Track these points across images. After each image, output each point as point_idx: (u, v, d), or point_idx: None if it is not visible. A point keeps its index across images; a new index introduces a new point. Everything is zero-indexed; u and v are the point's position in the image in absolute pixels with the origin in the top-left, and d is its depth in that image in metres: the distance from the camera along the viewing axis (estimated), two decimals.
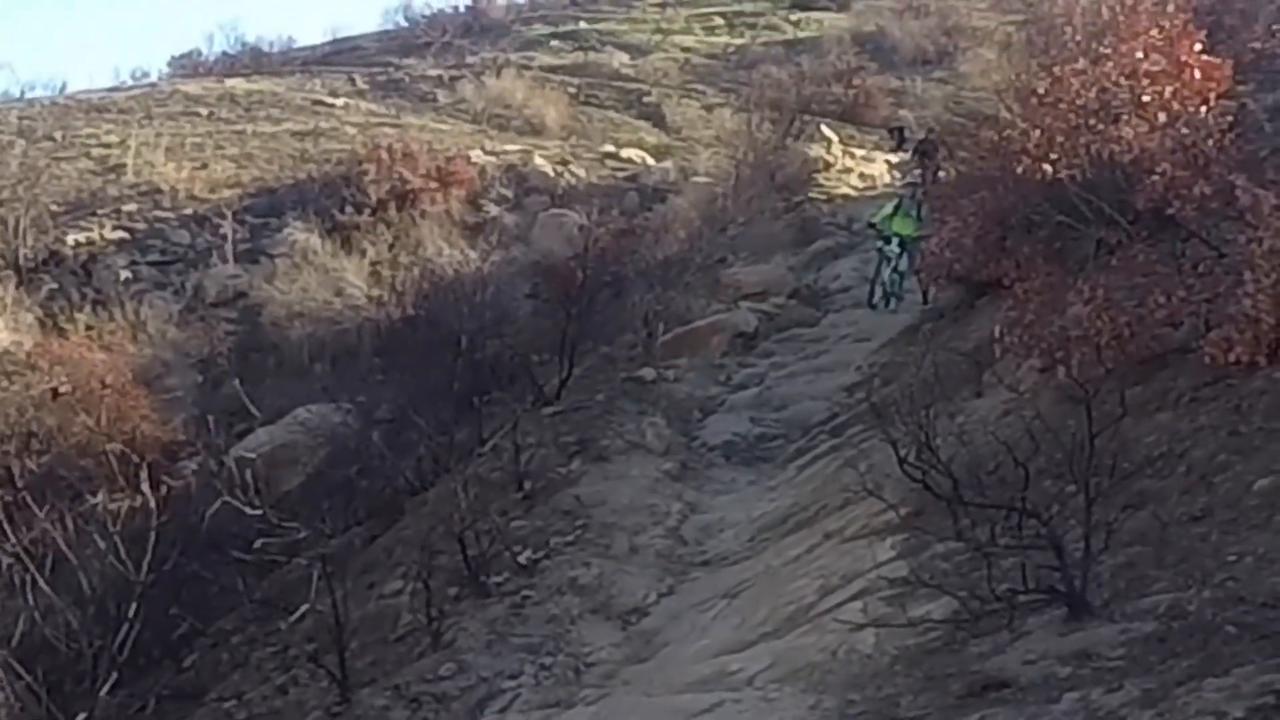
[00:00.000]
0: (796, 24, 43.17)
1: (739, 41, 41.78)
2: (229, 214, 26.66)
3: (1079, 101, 11.47)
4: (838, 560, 8.55)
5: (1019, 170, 11.85)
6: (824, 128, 30.33)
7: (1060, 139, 11.46)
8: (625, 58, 40.04)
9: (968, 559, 6.92)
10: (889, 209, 18.47)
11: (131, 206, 27.36)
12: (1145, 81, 11.28)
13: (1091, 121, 11.34)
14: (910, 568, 7.20)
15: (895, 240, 17.83)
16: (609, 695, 7.72)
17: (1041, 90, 11.94)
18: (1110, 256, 10.59)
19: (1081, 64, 11.73)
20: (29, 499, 11.37)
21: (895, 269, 17.81)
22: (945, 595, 6.50)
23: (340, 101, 35.28)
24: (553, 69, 38.64)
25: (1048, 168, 11.34)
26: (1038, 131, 11.70)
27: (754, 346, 16.87)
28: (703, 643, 8.21)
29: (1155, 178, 9.89)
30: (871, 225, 18.74)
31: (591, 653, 8.70)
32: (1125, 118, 11.16)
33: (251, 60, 43.26)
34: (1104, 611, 5.81)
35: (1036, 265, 10.94)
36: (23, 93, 39.59)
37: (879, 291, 17.84)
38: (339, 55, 43.63)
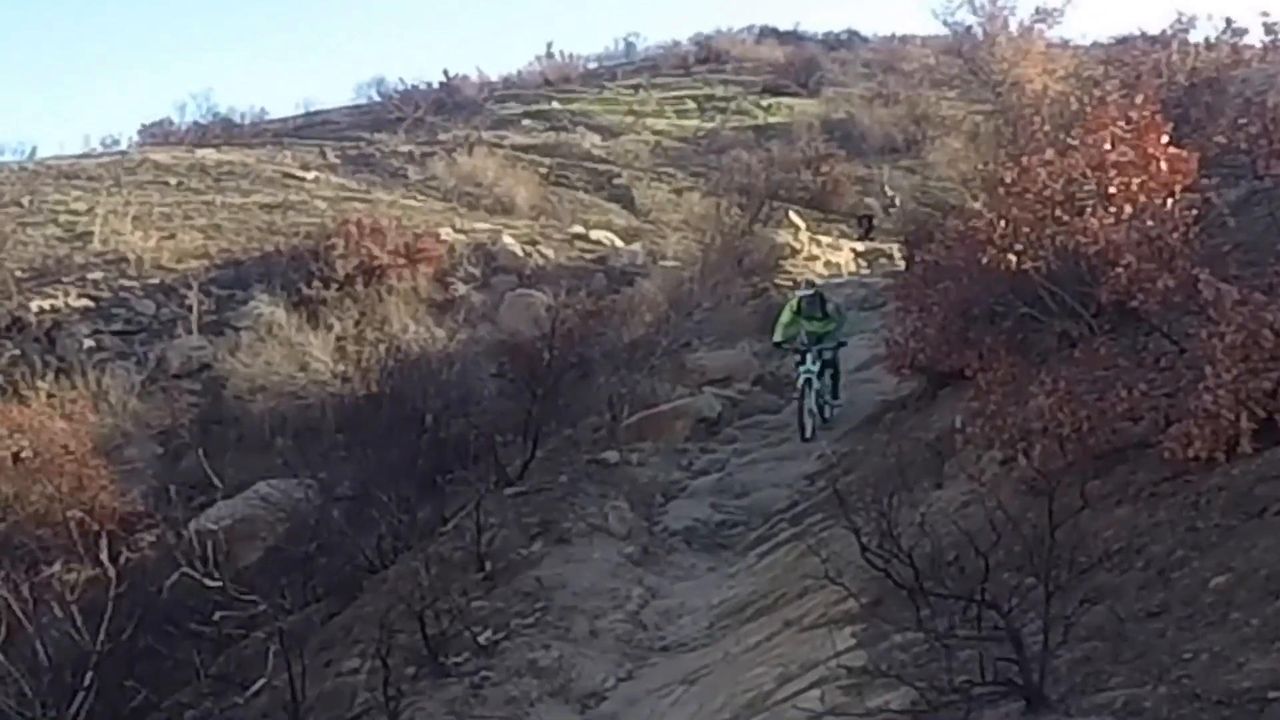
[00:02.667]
0: (767, 109, 43.80)
1: (709, 125, 42.29)
2: (195, 285, 26.64)
3: (1045, 192, 11.48)
4: (796, 648, 8.53)
5: (984, 260, 11.88)
6: (792, 214, 30.68)
7: (1026, 229, 11.49)
8: (597, 139, 40.40)
9: (926, 649, 6.92)
10: (786, 316, 16.97)
11: (97, 275, 27.31)
12: (1112, 173, 11.33)
13: (1057, 212, 11.38)
14: (869, 657, 7.20)
15: (810, 353, 16.13)
16: None
17: (1008, 180, 11.90)
18: (1073, 349, 10.65)
19: (1049, 154, 11.73)
20: None
21: (819, 386, 16.20)
22: (903, 685, 6.49)
23: (310, 174, 35.42)
24: (524, 148, 38.96)
25: (1013, 258, 11.37)
26: (1004, 222, 11.70)
27: (717, 432, 16.89)
28: None
29: (1119, 270, 9.96)
30: (780, 345, 17.17)
31: None
32: (1091, 209, 11.18)
33: (223, 130, 43.41)
34: (1060, 705, 5.83)
35: (999, 356, 11.02)
36: None
37: (810, 423, 15.77)
38: (310, 128, 43.87)
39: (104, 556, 10.18)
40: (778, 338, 17.00)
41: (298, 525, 15.37)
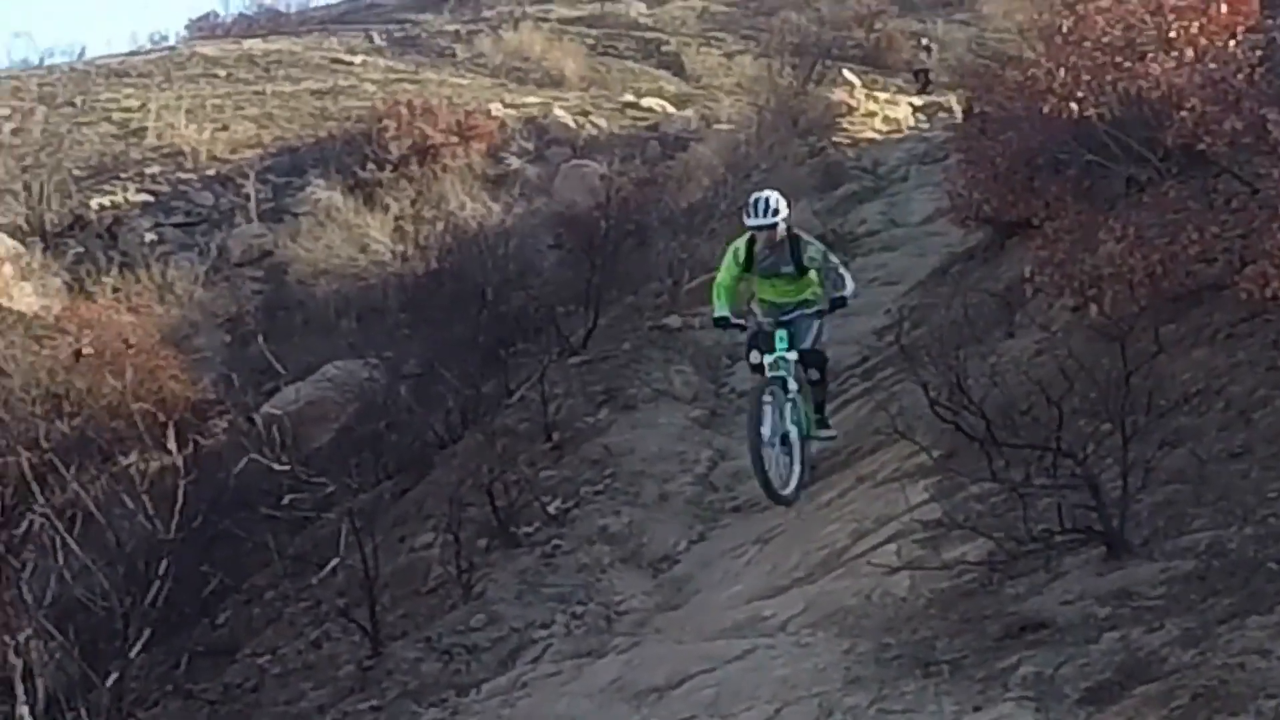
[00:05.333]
0: None
1: None
2: (251, 174, 26.68)
3: (1104, 39, 11.22)
4: (870, 504, 8.47)
5: (1045, 110, 11.61)
6: (846, 72, 30.07)
7: (1086, 77, 11.20)
8: (643, 7, 39.78)
9: (1002, 500, 6.83)
10: (726, 269, 9.83)
11: (154, 169, 27.40)
12: (1171, 17, 11.02)
13: (1118, 59, 11.11)
14: (944, 510, 7.12)
15: (776, 332, 9.54)
16: (641, 643, 7.66)
17: (1066, 29, 11.68)
18: (1141, 194, 10.44)
19: (1106, 1, 11.50)
20: (60, 461, 11.36)
21: (792, 398, 9.39)
22: (980, 537, 6.43)
23: (358, 59, 35.18)
24: (570, 20, 38.44)
25: (1074, 106, 11.07)
26: (1063, 70, 11.45)
27: None
28: (735, 589, 8.12)
29: (1184, 114, 9.67)
30: (721, 323, 9.89)
31: (623, 601, 8.61)
32: (1152, 54, 10.92)
33: (268, 21, 43.21)
34: (1143, 550, 5.73)
35: (1066, 204, 10.79)
36: (42, 60, 39.71)
37: (781, 467, 9.27)
38: (355, 13, 43.48)
39: (172, 445, 10.21)
40: (717, 310, 9.77)
41: (366, 405, 15.47)
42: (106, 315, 20.67)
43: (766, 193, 9.76)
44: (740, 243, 9.79)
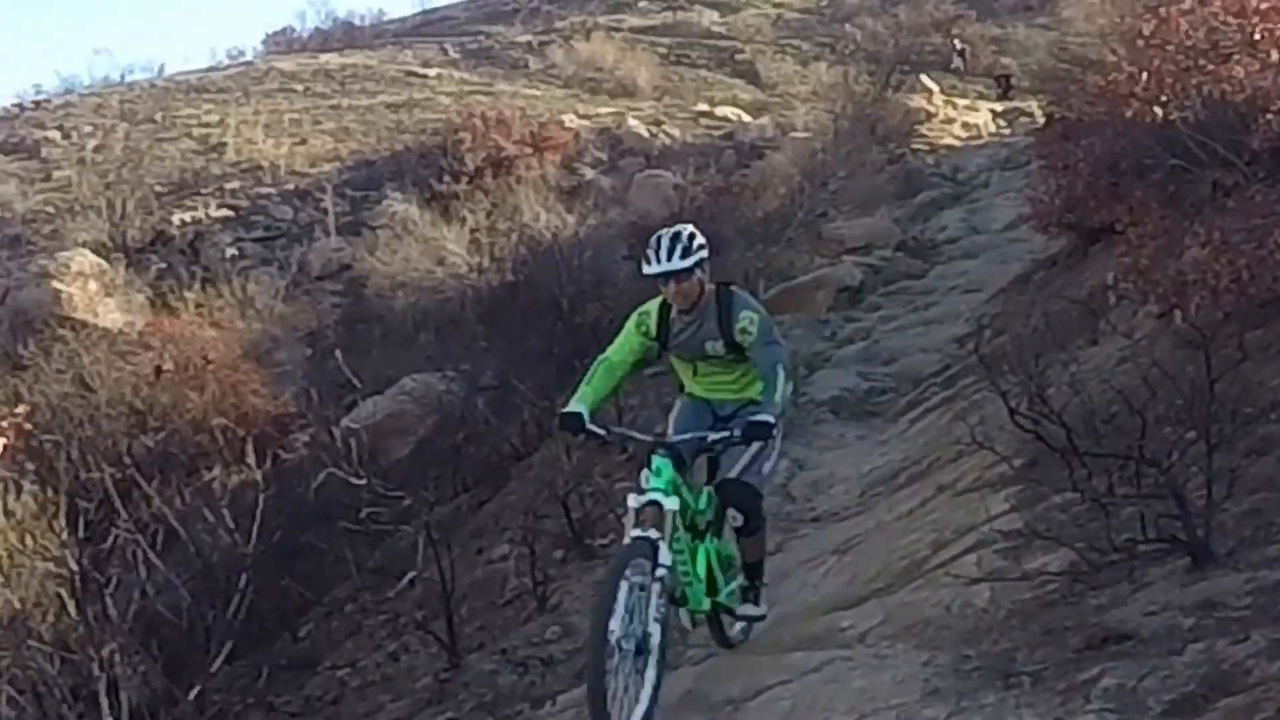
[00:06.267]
0: None
1: None
2: (329, 188, 26.96)
3: (1187, 42, 11.10)
4: (951, 514, 8.34)
5: (1128, 114, 11.49)
6: (924, 78, 29.87)
7: (1169, 81, 11.10)
8: (715, 16, 39.77)
9: (1084, 510, 6.69)
10: (629, 339, 6.55)
11: (234, 184, 27.80)
12: (1256, 19, 10.87)
13: (1201, 62, 10.95)
14: (1025, 520, 7.00)
15: (676, 451, 6.09)
16: (716, 654, 7.61)
17: (1148, 32, 11.56)
18: (1226, 198, 10.18)
19: (1188, 4, 11.33)
20: (143, 475, 11.52)
21: (668, 569, 5.88)
22: (1062, 547, 6.30)
23: (433, 71, 35.49)
24: (642, 30, 38.53)
25: (1158, 110, 10.98)
26: (1145, 74, 11.35)
27: (860, 300, 16.57)
28: (812, 600, 7.99)
29: (1270, 117, 9.54)
30: (571, 423, 6.23)
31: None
32: (1236, 57, 10.75)
33: (344, 35, 43.75)
34: (1229, 560, 5.58)
35: (1150, 209, 10.59)
36: (123, 77, 40.54)
37: (618, 682, 5.56)
38: (429, 26, 43.92)
39: (253, 459, 10.32)
40: (571, 403, 6.38)
41: (444, 418, 15.53)
42: (189, 330, 20.92)
43: (678, 227, 6.43)
44: (652, 305, 6.54)
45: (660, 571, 5.90)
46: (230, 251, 25.68)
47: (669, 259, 6.30)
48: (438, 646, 8.89)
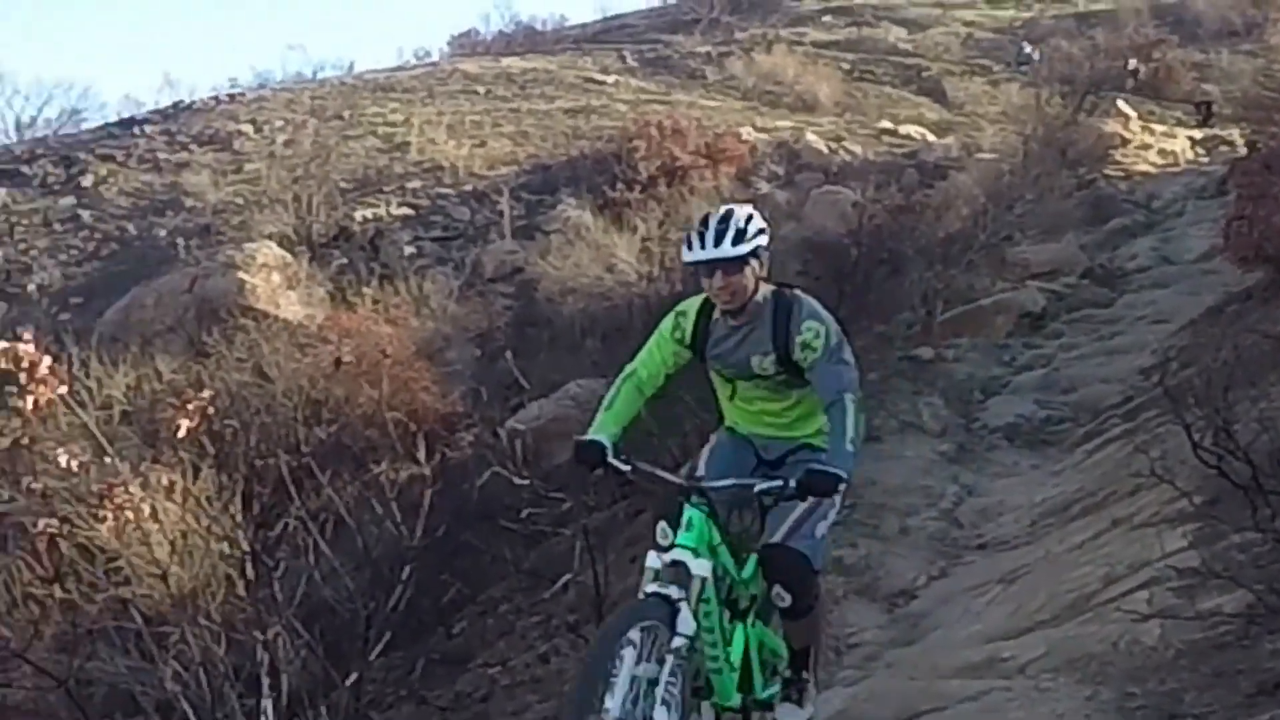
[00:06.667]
0: None
1: (1026, 15, 40.54)
2: (506, 190, 27.25)
3: None
4: (1124, 548, 8.03)
5: None
6: (1120, 102, 29.10)
7: None
8: (903, 33, 39.31)
9: (1266, 550, 6.39)
10: (663, 345, 5.33)
11: (415, 183, 28.31)
12: None
13: None
14: (1202, 558, 6.68)
15: (716, 500, 4.88)
16: (870, 677, 7.46)
17: None
18: None
19: None
20: (316, 466, 11.72)
21: (686, 641, 4.56)
22: (1240, 588, 6.02)
23: (611, 79, 35.70)
24: (825, 44, 38.25)
25: None
26: None
27: (1041, 327, 16.22)
28: (974, 628, 7.83)
29: None
30: (589, 453, 5.12)
31: (854, 634, 8.42)
32: None
33: (525, 38, 44.39)
34: None
35: None
36: (314, 73, 41.81)
37: None
38: (609, 33, 44.24)
39: (420, 455, 10.41)
40: (592, 430, 5.25)
41: None
42: (366, 326, 21.24)
43: (732, 206, 5.26)
44: (691, 304, 5.33)
45: (678, 642, 4.53)
46: (408, 250, 26.12)
47: (715, 244, 4.97)
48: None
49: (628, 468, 5.11)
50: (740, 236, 4.99)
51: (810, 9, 42.59)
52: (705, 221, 5.09)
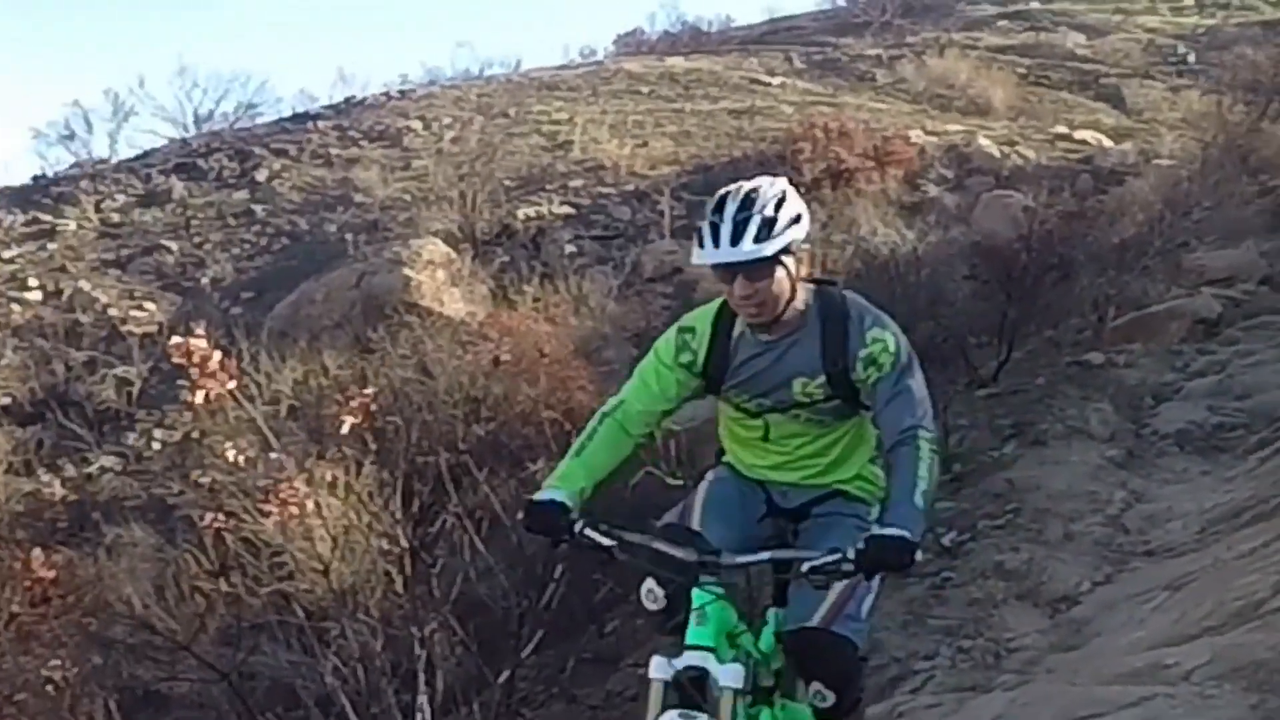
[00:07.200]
0: (1276, 4, 40.18)
1: (1209, 22, 39.31)
2: (667, 191, 27.23)
3: None
4: None
5: None
6: None
7: None
8: (1081, 38, 38.38)
9: None
10: (658, 373, 4.42)
11: (577, 182, 28.43)
12: None
13: None
14: None
15: (708, 571, 3.92)
16: (1030, 682, 7.38)
17: None
18: None
19: None
20: (474, 463, 11.82)
21: None
22: None
23: (777, 80, 35.43)
24: (1000, 49, 37.45)
25: None
26: None
27: (1217, 333, 15.76)
28: (1137, 634, 7.70)
29: None
30: (540, 515, 4.13)
31: (1014, 638, 8.34)
32: None
33: (691, 39, 44.29)
34: None
35: None
36: (481, 70, 42.13)
37: None
38: (776, 34, 43.88)
39: None
40: (544, 488, 4.31)
41: None
42: (525, 324, 21.41)
43: (757, 181, 4.08)
44: (701, 317, 4.35)
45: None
46: (569, 249, 26.26)
47: (734, 240, 3.80)
48: None
49: (610, 541, 3.90)
50: (768, 228, 3.83)
51: (985, 13, 41.74)
52: (720, 206, 3.89)
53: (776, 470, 4.28)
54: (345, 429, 10.70)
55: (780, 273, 3.89)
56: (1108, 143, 29.96)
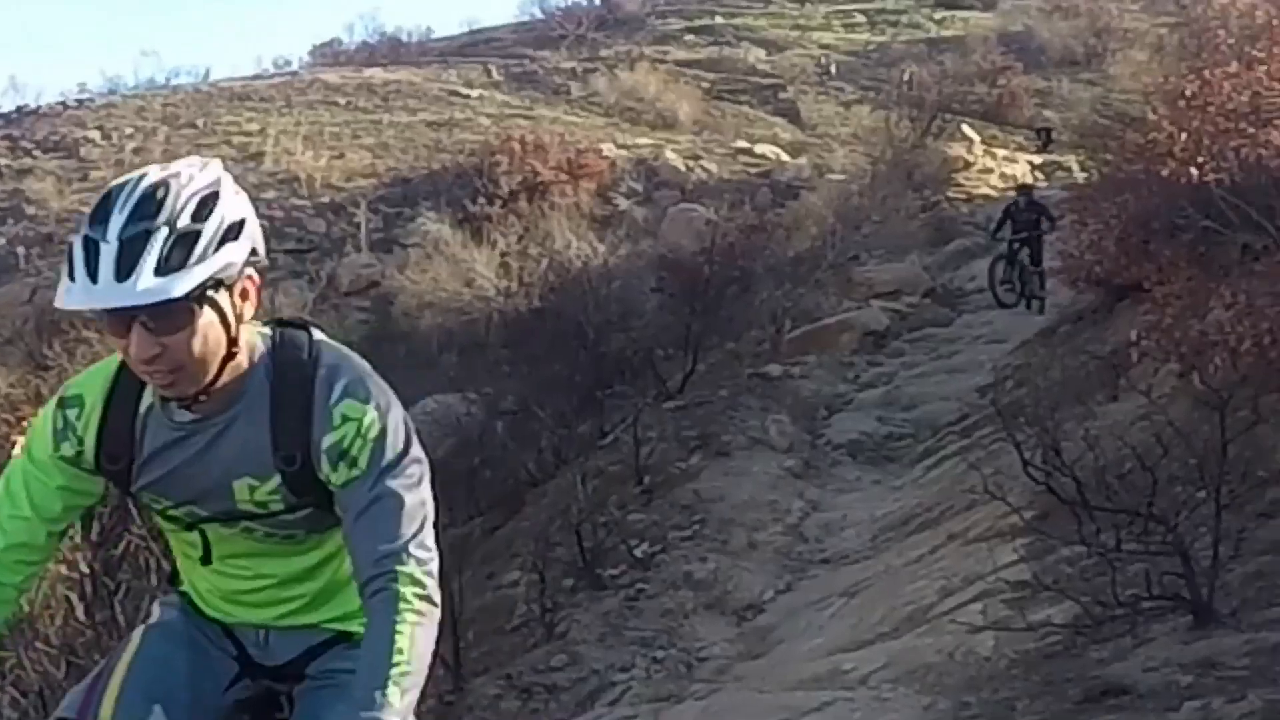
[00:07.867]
0: (940, 23, 42.59)
1: (880, 39, 41.33)
2: (364, 203, 27.04)
3: (1229, 105, 11.17)
4: (959, 562, 8.41)
5: (1164, 173, 11.52)
6: (965, 127, 29.93)
7: (1208, 142, 11.14)
8: (761, 53, 39.75)
9: (1092, 564, 6.75)
10: (43, 457, 2.60)
11: (270, 194, 27.86)
12: None
13: (1241, 125, 11.00)
14: (1033, 571, 7.06)
15: None
16: (720, 690, 7.67)
17: (1190, 93, 11.62)
18: (1255, 261, 10.26)
19: (1234, 67, 11.42)
20: None
21: None
22: (1067, 600, 6.38)
23: (475, 92, 35.57)
24: (687, 63, 38.50)
25: (1194, 171, 10.98)
26: (1185, 135, 11.41)
27: (885, 345, 16.66)
28: (818, 641, 8.14)
29: None
30: None
31: (704, 647, 8.68)
32: (1277, 121, 10.79)
33: (390, 50, 43.80)
34: (1231, 620, 5.62)
35: (1179, 269, 10.66)
36: (168, 80, 40.60)
37: None
38: (475, 46, 43.94)
39: None
40: None
41: (462, 440, 15.54)
42: None
43: (156, 178, 2.43)
44: (89, 385, 2.63)
45: None
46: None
47: (121, 272, 2.33)
48: (443, 669, 8.89)
49: None
50: (184, 250, 2.34)
51: (674, 28, 42.84)
52: (103, 211, 2.38)
53: (238, 606, 2.70)
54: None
55: (206, 319, 2.37)
56: (785, 157, 31.24)
